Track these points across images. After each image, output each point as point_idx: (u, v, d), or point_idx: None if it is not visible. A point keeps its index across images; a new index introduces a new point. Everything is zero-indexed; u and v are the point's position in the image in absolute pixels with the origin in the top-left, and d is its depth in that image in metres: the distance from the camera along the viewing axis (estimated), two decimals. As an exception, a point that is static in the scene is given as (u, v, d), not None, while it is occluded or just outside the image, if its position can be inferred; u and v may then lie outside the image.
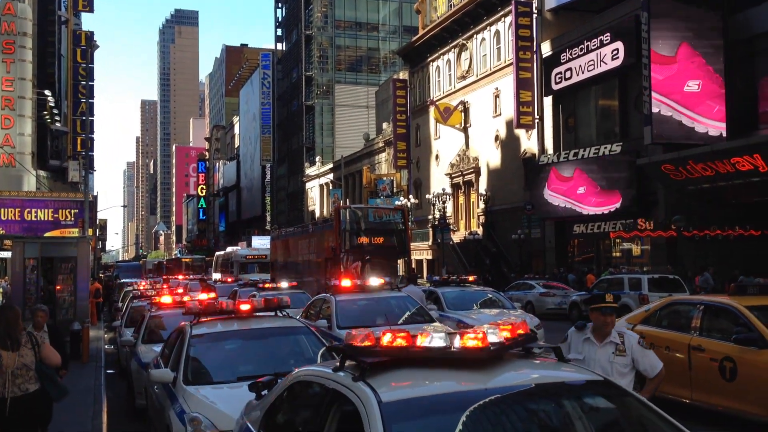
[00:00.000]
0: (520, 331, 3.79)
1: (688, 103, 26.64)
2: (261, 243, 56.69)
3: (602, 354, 5.65)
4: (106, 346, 19.41)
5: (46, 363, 6.34)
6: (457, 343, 3.54)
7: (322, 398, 3.88)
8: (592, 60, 32.35)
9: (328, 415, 3.70)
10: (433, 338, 3.59)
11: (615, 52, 30.95)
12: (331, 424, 3.66)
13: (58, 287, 18.60)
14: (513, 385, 3.51)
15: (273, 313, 8.39)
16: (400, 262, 28.98)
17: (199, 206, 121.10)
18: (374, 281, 14.36)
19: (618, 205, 30.47)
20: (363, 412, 3.30)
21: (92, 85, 50.73)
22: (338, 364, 3.86)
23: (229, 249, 56.37)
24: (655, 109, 26.65)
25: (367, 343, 3.65)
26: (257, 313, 8.25)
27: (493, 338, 3.57)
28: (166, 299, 12.35)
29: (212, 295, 12.32)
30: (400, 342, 3.60)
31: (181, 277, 35.72)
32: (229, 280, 28.40)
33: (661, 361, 5.75)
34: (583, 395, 3.74)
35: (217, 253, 57.29)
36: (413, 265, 37.34)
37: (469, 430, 3.22)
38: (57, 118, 44.53)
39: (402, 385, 3.53)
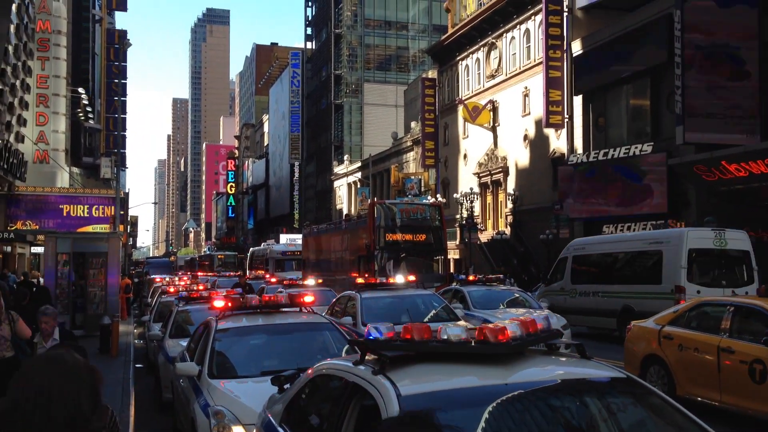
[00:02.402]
0: (540, 327, 3.76)
1: (723, 101, 26.21)
2: (291, 239, 55.82)
3: None
4: (135, 341, 19.63)
5: (19, 336, 7.74)
6: (477, 337, 3.52)
7: (343, 392, 3.88)
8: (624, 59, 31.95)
9: (347, 408, 3.71)
10: (453, 332, 3.57)
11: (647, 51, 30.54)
12: (350, 417, 3.67)
13: (90, 282, 18.94)
14: (534, 381, 3.47)
15: (298, 309, 8.44)
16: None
17: (229, 204, 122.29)
18: (400, 279, 14.34)
19: (648, 204, 30.10)
20: (382, 406, 3.30)
21: (125, 83, 51.54)
22: (359, 357, 3.87)
23: (263, 245, 55.16)
24: (687, 109, 26.27)
25: (387, 337, 3.65)
26: (282, 309, 8.31)
27: (513, 333, 3.54)
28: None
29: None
30: (419, 336, 3.59)
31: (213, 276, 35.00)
32: (273, 280, 23.37)
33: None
34: (607, 393, 3.68)
35: (252, 249, 56.25)
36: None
37: (489, 425, 3.20)
38: (90, 115, 45.23)
39: (421, 379, 3.52)
